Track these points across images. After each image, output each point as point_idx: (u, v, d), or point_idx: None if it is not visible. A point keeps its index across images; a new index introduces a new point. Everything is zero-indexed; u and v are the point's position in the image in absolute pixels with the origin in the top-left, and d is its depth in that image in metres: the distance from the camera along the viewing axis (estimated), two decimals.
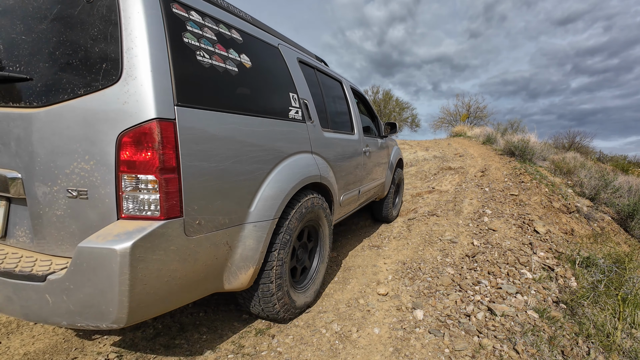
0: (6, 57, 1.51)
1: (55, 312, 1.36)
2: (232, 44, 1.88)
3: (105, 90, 1.35)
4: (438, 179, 6.58)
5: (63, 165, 1.40)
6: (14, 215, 1.59)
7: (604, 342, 2.31)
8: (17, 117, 1.46)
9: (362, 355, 2.18)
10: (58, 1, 1.45)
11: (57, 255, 1.50)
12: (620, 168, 10.96)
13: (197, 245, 1.54)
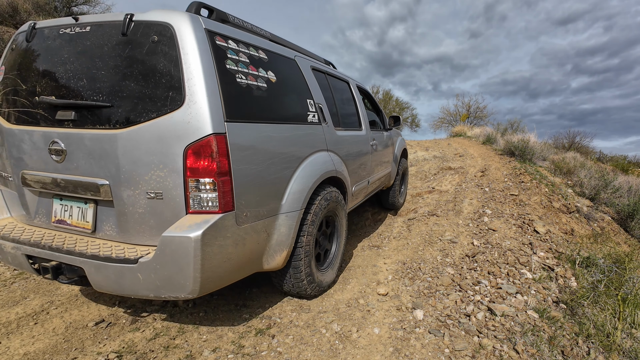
0: (90, 89, 1.83)
1: (145, 286, 1.74)
2: (260, 64, 2.21)
3: (173, 113, 1.70)
4: (438, 179, 6.58)
5: (143, 173, 1.75)
6: (101, 214, 1.95)
7: (604, 342, 2.31)
8: (104, 137, 1.79)
9: (362, 355, 2.18)
10: (129, 42, 1.78)
11: (139, 244, 1.87)
12: (620, 168, 10.95)
13: (245, 232, 1.91)
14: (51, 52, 1.98)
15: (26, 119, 2.01)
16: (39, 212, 2.14)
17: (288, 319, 2.57)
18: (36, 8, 8.97)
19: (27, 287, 3.25)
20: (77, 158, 1.89)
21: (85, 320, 2.70)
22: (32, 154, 2.02)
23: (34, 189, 2.08)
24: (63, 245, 1.91)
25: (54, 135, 1.91)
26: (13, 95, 2.08)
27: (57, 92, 1.92)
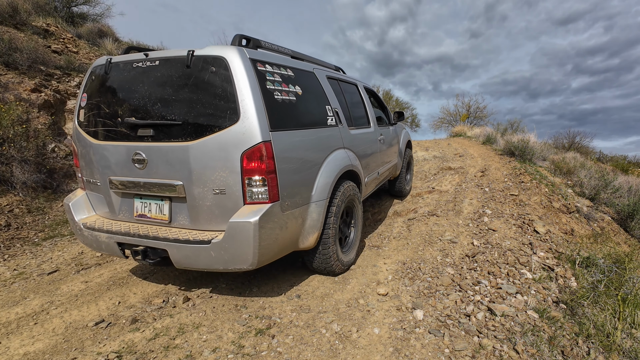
0: (164, 111, 2.31)
1: (217, 261, 2.22)
2: (289, 80, 2.64)
3: (231, 127, 2.15)
4: (438, 179, 6.58)
5: (210, 174, 2.21)
6: (175, 208, 2.43)
7: (604, 342, 2.31)
8: (178, 148, 2.26)
9: (362, 355, 2.18)
10: (192, 72, 2.24)
11: (207, 229, 2.32)
12: (620, 168, 10.95)
13: (287, 218, 2.38)
14: (128, 81, 2.46)
15: (111, 136, 2.50)
16: (122, 209, 2.64)
17: (288, 319, 2.57)
18: (36, 8, 8.96)
19: (27, 287, 3.25)
20: (156, 165, 2.37)
21: (85, 320, 2.70)
22: (117, 164, 2.50)
23: (118, 191, 2.59)
24: (148, 233, 2.40)
25: (137, 149, 2.39)
26: (97, 117, 2.57)
27: (136, 114, 2.40)
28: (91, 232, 2.61)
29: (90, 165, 2.66)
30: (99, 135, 2.56)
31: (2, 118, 5.00)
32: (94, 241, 2.64)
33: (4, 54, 6.29)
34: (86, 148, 2.65)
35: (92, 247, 2.72)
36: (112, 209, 2.66)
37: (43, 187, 5.20)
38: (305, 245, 2.69)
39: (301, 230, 2.60)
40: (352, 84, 4.04)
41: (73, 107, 6.51)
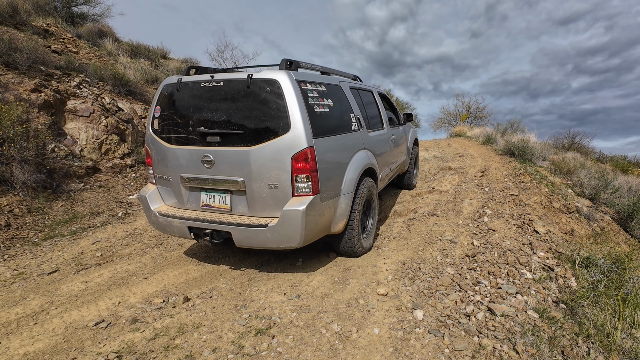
0: (228, 122, 2.83)
1: (271, 241, 2.73)
2: (323, 95, 3.14)
3: (284, 136, 2.66)
4: (438, 179, 6.57)
5: (266, 172, 2.73)
6: (235, 199, 2.96)
7: (604, 342, 2.31)
8: (241, 152, 2.77)
9: (362, 355, 2.18)
10: (251, 91, 2.75)
11: (262, 216, 2.83)
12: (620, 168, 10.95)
13: (324, 207, 2.87)
14: (197, 97, 2.98)
15: (183, 141, 3.02)
16: (190, 200, 3.16)
17: (288, 319, 2.57)
18: (36, 8, 8.95)
19: (27, 287, 3.25)
20: (221, 165, 2.87)
21: (85, 320, 2.69)
22: (188, 164, 3.01)
23: (187, 185, 3.11)
24: (215, 219, 2.92)
25: (206, 152, 2.90)
26: (170, 126, 3.09)
27: (205, 124, 2.91)
28: (165, 218, 3.14)
29: (163, 165, 3.18)
30: (172, 141, 3.09)
31: (2, 118, 5.00)
32: (167, 226, 3.17)
33: (4, 54, 6.29)
34: (160, 151, 3.17)
35: (165, 231, 3.25)
36: (180, 200, 3.19)
37: (43, 187, 5.21)
38: (335, 230, 3.16)
39: (333, 218, 3.10)
40: (368, 91, 4.54)
41: (73, 107, 6.51)
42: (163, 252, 4.06)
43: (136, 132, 7.49)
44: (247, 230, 2.77)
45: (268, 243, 2.76)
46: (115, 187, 6.07)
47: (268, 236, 2.73)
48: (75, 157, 6.08)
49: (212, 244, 2.97)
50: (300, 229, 2.66)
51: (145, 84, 9.34)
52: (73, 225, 4.73)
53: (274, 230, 2.70)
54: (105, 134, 6.69)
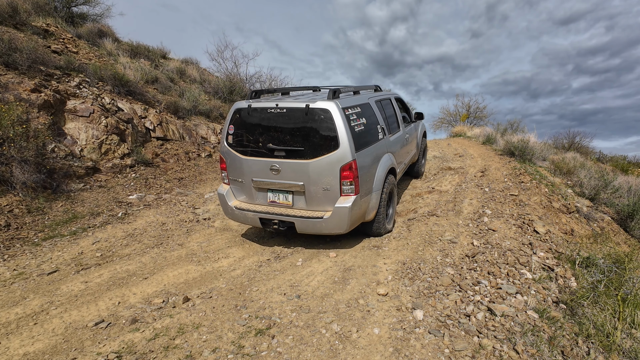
0: (291, 140, 3.55)
1: (325, 229, 3.51)
2: (359, 115, 3.88)
3: (335, 152, 3.38)
4: (438, 179, 6.57)
5: (321, 179, 3.47)
6: (296, 197, 3.71)
7: (604, 342, 2.31)
8: (302, 163, 3.49)
9: (362, 355, 2.17)
10: (309, 118, 3.47)
11: (317, 210, 3.59)
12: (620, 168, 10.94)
13: (362, 202, 3.64)
14: (264, 119, 3.71)
15: (254, 153, 3.76)
16: (258, 197, 3.93)
17: (288, 319, 2.57)
18: (36, 8, 8.94)
19: (27, 288, 3.25)
20: (286, 172, 3.61)
21: (85, 320, 2.69)
22: (259, 171, 3.75)
23: (257, 187, 3.87)
24: (281, 212, 3.74)
25: (274, 162, 3.64)
26: (243, 141, 3.84)
27: (273, 141, 3.66)
28: (241, 211, 3.92)
29: (237, 171, 3.93)
30: (246, 153, 3.82)
31: (2, 118, 5.00)
32: (242, 217, 3.96)
33: (3, 54, 6.29)
34: (235, 160, 3.91)
35: (239, 220, 4.06)
36: (250, 197, 3.98)
37: (43, 187, 5.20)
38: (368, 219, 3.99)
39: (367, 209, 3.86)
40: (387, 99, 5.20)
41: (73, 107, 6.51)
42: (163, 252, 4.06)
43: (136, 132, 7.49)
44: (307, 220, 3.60)
45: (323, 230, 3.62)
46: (115, 187, 6.07)
47: (323, 225, 3.57)
48: (75, 157, 6.08)
49: (278, 230, 3.86)
50: (347, 219, 3.49)
51: (145, 84, 9.34)
52: (73, 226, 4.73)
53: (328, 221, 3.53)
54: (105, 134, 6.69)
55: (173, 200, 6.01)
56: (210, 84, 11.87)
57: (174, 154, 7.98)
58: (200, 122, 9.54)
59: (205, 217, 5.36)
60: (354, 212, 3.53)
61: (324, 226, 3.54)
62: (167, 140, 8.22)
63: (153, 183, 6.65)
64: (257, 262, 3.77)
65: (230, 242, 4.41)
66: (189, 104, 9.54)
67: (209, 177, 7.65)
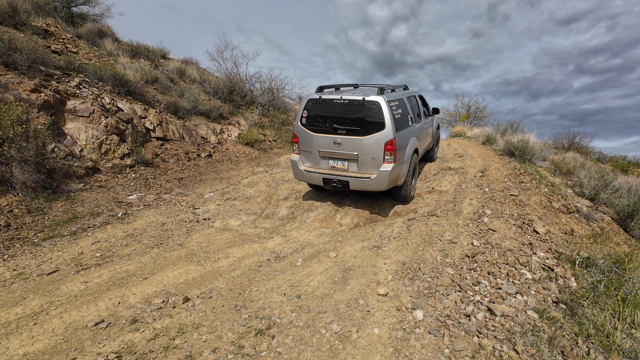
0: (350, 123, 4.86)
1: (371, 186, 4.84)
2: (397, 107, 5.15)
3: (381, 131, 4.71)
4: (438, 179, 6.57)
5: (370, 150, 4.79)
6: (350, 164, 5.02)
7: (604, 342, 2.31)
8: (358, 139, 4.81)
9: (362, 355, 2.17)
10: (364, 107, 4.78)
11: (366, 173, 4.86)
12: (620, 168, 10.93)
13: (397, 169, 4.90)
14: (331, 107, 4.94)
15: (322, 131, 5.00)
16: (322, 163, 5.16)
17: (288, 320, 2.57)
18: (36, 8, 8.94)
19: (27, 288, 3.25)
20: (345, 145, 4.86)
21: (85, 320, 2.69)
22: (324, 144, 4.99)
23: (321, 156, 5.10)
24: (339, 174, 4.95)
25: (336, 138, 4.89)
26: (313, 122, 5.07)
27: (337, 122, 4.89)
28: (309, 173, 5.21)
29: (307, 144, 5.20)
30: (315, 131, 5.10)
31: (2, 118, 4.99)
32: (309, 177, 5.25)
33: (3, 54, 6.29)
34: (305, 136, 5.19)
35: (306, 180, 5.35)
36: (315, 163, 5.26)
37: (43, 187, 5.20)
38: (399, 183, 5.20)
39: (399, 175, 5.07)
40: (413, 95, 6.57)
41: (73, 107, 6.51)
42: (163, 252, 4.06)
43: (136, 132, 7.49)
44: (359, 180, 4.87)
45: (369, 187, 4.86)
46: (115, 187, 6.07)
47: (370, 183, 4.82)
48: (75, 157, 6.08)
49: (336, 188, 5.10)
50: (387, 179, 4.76)
51: (145, 84, 9.33)
52: (73, 226, 4.72)
53: (374, 180, 4.81)
54: (105, 134, 6.69)
55: (173, 201, 6.01)
56: (210, 84, 11.87)
57: (174, 154, 7.98)
58: (200, 122, 9.54)
59: (205, 217, 5.36)
60: (392, 175, 4.82)
61: (370, 184, 4.83)
62: (167, 141, 8.22)
63: (153, 183, 6.65)
64: (257, 262, 3.77)
65: (230, 242, 4.41)
66: (188, 104, 9.54)
67: (209, 177, 7.65)
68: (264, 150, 10.47)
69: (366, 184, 4.83)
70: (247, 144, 10.22)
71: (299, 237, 4.71)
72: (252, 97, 12.94)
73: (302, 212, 5.58)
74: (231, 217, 5.45)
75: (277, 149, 10.94)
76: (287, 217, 5.53)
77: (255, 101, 12.92)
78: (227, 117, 10.95)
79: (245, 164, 9.12)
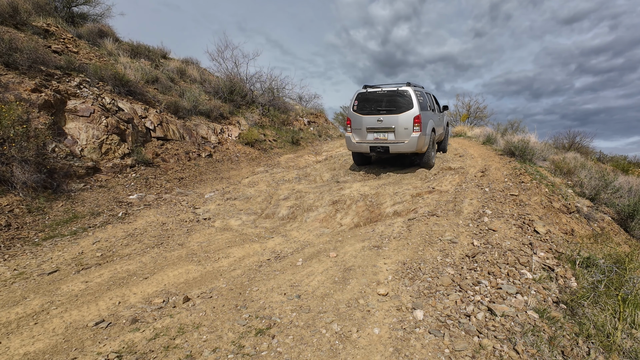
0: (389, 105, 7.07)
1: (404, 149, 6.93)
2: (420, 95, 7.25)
3: (411, 110, 6.88)
4: (438, 179, 6.57)
5: (403, 124, 6.92)
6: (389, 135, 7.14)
7: (604, 343, 2.31)
8: (394, 116, 6.98)
9: (362, 355, 2.18)
10: (398, 94, 7.02)
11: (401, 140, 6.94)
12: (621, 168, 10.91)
13: (422, 138, 6.93)
14: (375, 96, 7.16)
15: (369, 113, 7.14)
16: (368, 136, 7.21)
17: (288, 319, 2.57)
18: (36, 8, 8.95)
19: (27, 287, 3.25)
20: (385, 121, 6.99)
21: (85, 320, 2.70)
22: (370, 122, 7.10)
23: (368, 131, 7.19)
24: (381, 143, 7.06)
25: (379, 117, 7.04)
26: (362, 108, 7.22)
27: (379, 106, 7.09)
28: (360, 144, 7.18)
29: (357, 123, 7.16)
30: (364, 112, 7.09)
31: (3, 118, 5.00)
32: (360, 147, 7.18)
33: (4, 54, 6.29)
34: (356, 118, 7.15)
35: (358, 150, 7.26)
36: (363, 137, 7.17)
37: (43, 187, 5.21)
38: (423, 150, 6.93)
39: (423, 144, 6.80)
40: (429, 93, 8.32)
41: (73, 107, 6.51)
42: (163, 252, 4.06)
43: (136, 132, 7.49)
44: (396, 144, 6.81)
45: (403, 149, 6.78)
46: (116, 187, 6.07)
47: (404, 146, 6.74)
48: (75, 157, 6.09)
49: (379, 153, 7.04)
50: (416, 144, 6.65)
51: (145, 84, 9.34)
52: (73, 225, 4.73)
53: (406, 144, 6.72)
54: (105, 134, 6.70)
55: (173, 200, 6.01)
56: (211, 84, 11.87)
57: (174, 154, 7.98)
58: (200, 122, 9.54)
59: (206, 217, 5.36)
60: (419, 141, 6.74)
61: (404, 147, 6.79)
62: (167, 140, 8.22)
63: (153, 183, 6.66)
64: (257, 262, 3.77)
65: (230, 242, 4.41)
66: (189, 104, 9.55)
67: (209, 177, 7.65)
68: (264, 150, 10.47)
69: (401, 147, 6.82)
70: (247, 143, 10.22)
71: (299, 237, 4.71)
72: (253, 97, 12.95)
73: (302, 212, 5.58)
74: (231, 217, 5.46)
75: (278, 149, 10.94)
76: (288, 216, 5.53)
77: (255, 101, 12.93)
78: (228, 117, 10.96)
79: (245, 163, 9.12)
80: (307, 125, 14.29)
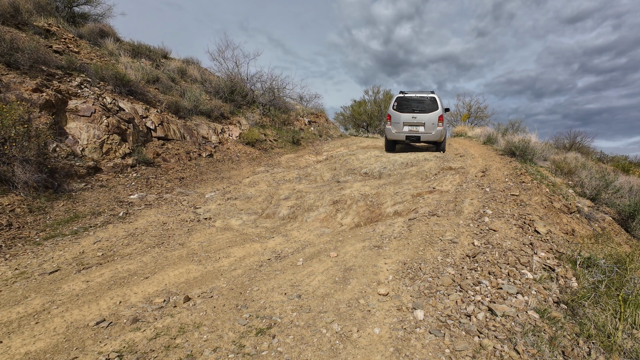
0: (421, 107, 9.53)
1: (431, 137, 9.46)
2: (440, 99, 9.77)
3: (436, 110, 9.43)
4: (439, 179, 6.56)
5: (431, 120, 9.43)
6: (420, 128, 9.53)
7: (605, 343, 2.30)
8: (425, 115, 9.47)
9: (362, 355, 2.18)
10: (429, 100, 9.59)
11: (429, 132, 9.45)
12: (621, 168, 10.89)
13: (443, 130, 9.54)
14: (410, 100, 9.52)
15: (406, 111, 9.43)
16: (404, 129, 9.43)
17: (288, 319, 2.58)
18: (37, 8, 8.97)
19: (28, 287, 3.26)
20: (418, 118, 9.33)
21: (86, 319, 2.70)
22: (407, 118, 9.35)
23: (404, 124, 9.43)
24: (415, 133, 9.41)
25: (414, 115, 9.35)
26: (400, 107, 9.52)
27: (414, 106, 9.47)
28: (398, 133, 9.37)
29: (396, 119, 9.36)
30: (402, 111, 9.33)
31: (4, 118, 5.01)
32: (398, 136, 9.39)
33: (6, 54, 6.31)
34: (395, 115, 9.36)
35: (395, 138, 9.52)
36: (399, 129, 9.38)
37: (44, 186, 5.22)
38: (441, 140, 9.32)
39: (442, 135, 9.26)
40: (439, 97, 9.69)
41: (74, 107, 6.52)
42: (164, 251, 4.07)
43: (137, 131, 7.50)
44: (425, 134, 9.11)
45: (431, 138, 9.14)
46: (117, 187, 6.08)
47: (431, 136, 9.09)
48: (76, 156, 6.10)
49: (412, 140, 9.30)
50: (439, 134, 9.04)
51: (146, 84, 9.35)
52: (74, 225, 4.74)
53: (433, 135, 9.08)
54: (106, 133, 6.71)
55: (174, 200, 6.02)
56: (212, 83, 11.88)
57: (175, 154, 7.99)
58: (201, 122, 9.55)
59: (206, 216, 5.37)
60: (441, 132, 8.94)
61: (431, 137, 9.02)
62: (168, 140, 8.23)
63: (154, 183, 6.66)
64: (257, 261, 3.78)
65: (231, 241, 4.41)
66: (190, 103, 9.55)
67: (210, 177, 7.66)
68: (265, 150, 10.48)
69: (429, 137, 9.09)
70: (248, 143, 10.23)
71: (300, 236, 4.72)
72: (253, 97, 12.95)
73: (302, 212, 5.58)
74: (232, 216, 5.46)
75: (278, 149, 10.94)
76: (288, 216, 5.54)
77: (256, 101, 12.93)
78: (228, 116, 10.96)
79: (246, 163, 9.13)
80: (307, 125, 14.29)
